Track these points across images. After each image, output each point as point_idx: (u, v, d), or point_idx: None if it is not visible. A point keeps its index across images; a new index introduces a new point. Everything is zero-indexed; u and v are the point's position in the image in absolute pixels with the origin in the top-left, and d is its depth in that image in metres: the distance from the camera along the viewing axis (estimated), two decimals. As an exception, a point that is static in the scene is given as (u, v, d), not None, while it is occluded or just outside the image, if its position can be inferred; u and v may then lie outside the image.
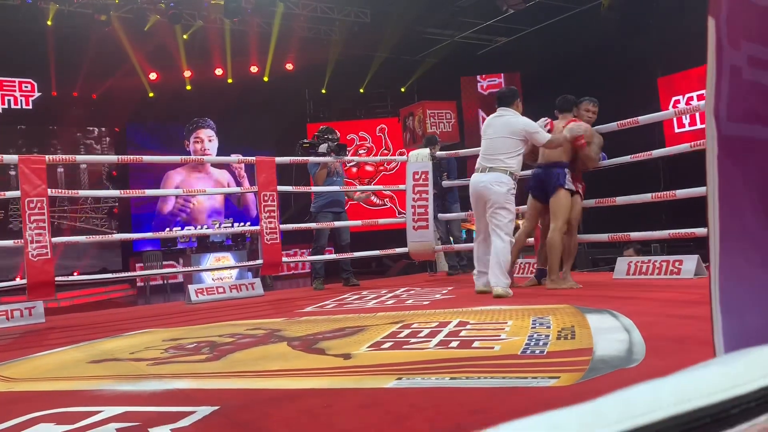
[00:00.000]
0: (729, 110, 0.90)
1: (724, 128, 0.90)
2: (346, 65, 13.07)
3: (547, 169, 4.66)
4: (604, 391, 0.59)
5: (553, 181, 4.58)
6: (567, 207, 4.55)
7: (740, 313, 0.89)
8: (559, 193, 4.56)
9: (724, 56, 0.90)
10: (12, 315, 4.66)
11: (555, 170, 4.60)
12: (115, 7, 10.61)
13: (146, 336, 3.66)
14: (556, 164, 4.62)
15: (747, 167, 0.90)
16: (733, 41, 0.89)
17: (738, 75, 0.90)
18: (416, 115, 12.44)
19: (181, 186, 13.21)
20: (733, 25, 0.89)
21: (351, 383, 2.09)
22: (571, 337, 2.51)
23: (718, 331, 0.90)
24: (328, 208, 6.17)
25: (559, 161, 4.61)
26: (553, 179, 4.58)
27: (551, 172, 4.61)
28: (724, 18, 0.89)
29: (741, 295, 0.90)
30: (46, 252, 4.61)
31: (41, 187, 4.66)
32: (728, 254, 0.89)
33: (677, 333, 2.52)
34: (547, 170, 4.64)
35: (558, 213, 4.53)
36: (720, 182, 0.89)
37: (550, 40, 11.69)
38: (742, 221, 0.90)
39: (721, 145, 0.90)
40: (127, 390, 2.21)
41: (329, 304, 4.64)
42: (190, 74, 12.87)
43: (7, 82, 11.81)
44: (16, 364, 2.97)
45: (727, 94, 0.89)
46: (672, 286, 4.11)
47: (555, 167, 4.61)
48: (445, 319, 3.24)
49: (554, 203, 4.58)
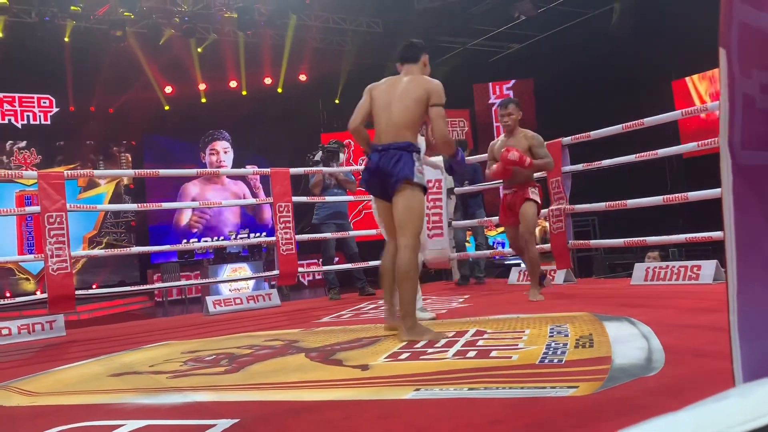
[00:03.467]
0: (743, 138, 0.90)
1: (739, 156, 0.90)
2: (359, 75, 13.11)
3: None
4: (624, 400, 0.59)
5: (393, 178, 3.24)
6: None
7: (759, 340, 0.89)
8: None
9: (736, 85, 0.90)
10: (33, 329, 4.72)
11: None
12: (131, 22, 10.76)
13: (165, 348, 3.69)
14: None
15: (763, 195, 0.90)
16: (745, 70, 0.89)
17: (751, 103, 0.90)
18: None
19: (197, 198, 13.32)
20: (745, 54, 0.89)
21: (369, 394, 2.09)
22: (590, 345, 2.49)
23: (737, 359, 0.90)
24: (331, 219, 6.16)
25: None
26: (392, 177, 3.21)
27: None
28: (735, 48, 0.89)
29: (760, 322, 0.90)
30: (66, 266, 4.67)
31: (60, 202, 4.73)
32: (746, 282, 0.89)
33: (697, 340, 2.50)
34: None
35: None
36: (735, 210, 0.89)
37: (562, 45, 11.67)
38: (760, 249, 0.90)
39: (736, 172, 0.90)
40: (148, 403, 2.23)
41: (346, 314, 4.64)
42: (204, 87, 12.99)
43: (26, 99, 12.00)
44: (38, 378, 3.00)
45: (740, 122, 0.90)
46: (691, 292, 4.07)
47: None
48: (462, 328, 3.23)
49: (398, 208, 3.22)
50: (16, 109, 11.92)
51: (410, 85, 3.26)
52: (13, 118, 11.90)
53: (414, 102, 3.19)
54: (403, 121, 3.19)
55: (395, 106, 3.23)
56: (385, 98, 3.29)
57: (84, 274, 11.99)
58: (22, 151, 12.42)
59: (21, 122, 11.92)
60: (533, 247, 4.49)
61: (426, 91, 3.22)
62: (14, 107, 11.91)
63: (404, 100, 3.21)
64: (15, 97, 11.90)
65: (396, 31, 12.05)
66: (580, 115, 10.81)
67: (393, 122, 3.22)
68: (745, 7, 0.88)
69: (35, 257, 5.40)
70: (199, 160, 13.66)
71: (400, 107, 3.21)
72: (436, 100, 3.21)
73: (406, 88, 3.26)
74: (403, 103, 3.21)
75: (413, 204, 3.12)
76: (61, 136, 12.72)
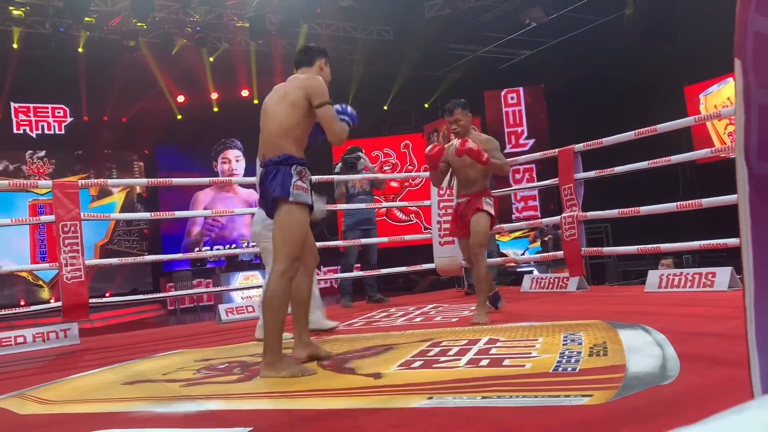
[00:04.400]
0: (759, 149, 0.89)
1: (755, 167, 0.89)
2: (369, 83, 13.18)
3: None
4: (639, 410, 0.58)
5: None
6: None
7: None
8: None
9: (751, 96, 0.89)
10: (48, 337, 4.75)
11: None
12: (143, 32, 10.87)
13: (178, 357, 3.70)
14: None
15: None
16: (761, 81, 0.89)
17: (767, 114, 0.89)
18: (441, 130, 12.49)
19: (209, 206, 13.40)
20: (760, 65, 0.89)
21: (382, 403, 2.09)
22: (603, 353, 2.48)
23: (755, 370, 0.89)
24: (358, 226, 6.24)
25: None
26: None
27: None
28: (750, 58, 0.89)
29: None
30: (80, 275, 4.71)
31: (74, 211, 4.77)
32: (764, 292, 0.88)
33: (712, 349, 2.47)
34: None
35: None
36: (753, 223, 0.89)
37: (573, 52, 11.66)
38: None
39: (753, 184, 0.89)
40: (162, 412, 2.24)
41: (358, 322, 4.64)
42: (216, 96, 13.09)
43: (41, 109, 12.15)
44: (53, 387, 3.02)
45: (756, 133, 0.89)
46: (705, 299, 4.03)
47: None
48: (474, 337, 3.22)
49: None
50: (31, 119, 12.07)
51: (288, 87, 2.92)
52: (29, 128, 12.05)
53: (291, 106, 2.82)
54: (280, 131, 2.81)
55: (272, 115, 2.87)
56: (266, 108, 2.95)
57: (97, 281, 12.08)
58: (36, 161, 12.55)
59: (36, 132, 12.06)
60: (483, 263, 4.03)
61: (303, 90, 2.84)
62: (29, 117, 12.07)
63: (281, 106, 2.85)
64: (30, 107, 12.06)
65: (407, 39, 12.09)
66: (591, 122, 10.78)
67: (270, 133, 2.85)
68: (760, 18, 0.88)
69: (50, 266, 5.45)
70: (211, 169, 13.75)
71: (277, 115, 2.84)
72: (319, 99, 2.83)
73: (285, 91, 2.90)
74: (281, 109, 2.84)
75: (286, 225, 2.75)
76: (75, 146, 12.85)
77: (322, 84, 2.87)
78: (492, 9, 11.33)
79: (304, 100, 2.81)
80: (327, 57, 3.10)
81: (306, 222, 2.81)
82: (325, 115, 2.84)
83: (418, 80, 13.51)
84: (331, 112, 2.87)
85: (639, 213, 4.99)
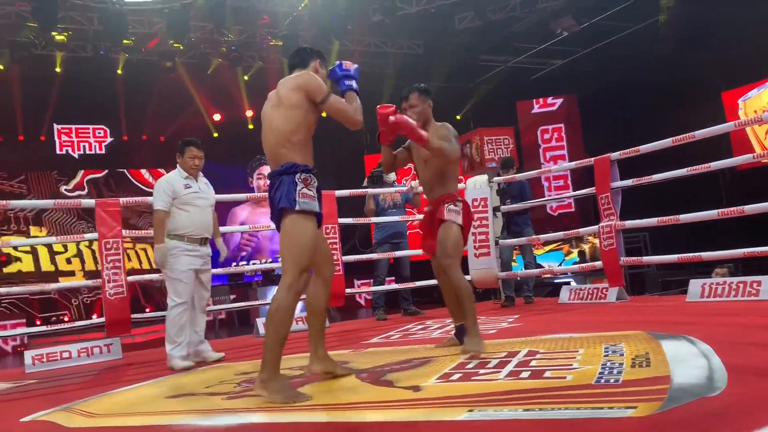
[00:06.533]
0: None
1: None
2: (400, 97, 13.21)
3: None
4: (686, 421, 0.57)
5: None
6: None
7: None
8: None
9: None
10: (92, 352, 4.87)
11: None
12: (180, 53, 11.12)
13: (219, 371, 3.75)
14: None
15: None
16: None
17: None
18: (473, 142, 12.45)
19: (246, 221, 13.59)
20: None
21: (422, 416, 2.08)
22: (646, 364, 2.43)
23: None
24: (388, 239, 6.31)
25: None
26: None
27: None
28: None
29: None
30: (122, 291, 4.82)
31: (117, 228, 4.89)
32: None
33: (760, 359, 2.41)
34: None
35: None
36: None
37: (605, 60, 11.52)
38: None
39: None
40: (205, 425, 2.27)
41: (394, 335, 4.64)
42: (252, 113, 13.30)
43: (82, 129, 12.51)
44: (97, 400, 3.09)
45: None
46: (751, 309, 3.92)
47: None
48: (513, 349, 3.19)
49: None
50: (73, 140, 12.43)
51: (281, 91, 2.76)
52: (71, 149, 12.41)
53: (289, 110, 2.71)
54: (280, 139, 2.71)
55: (268, 124, 2.77)
56: (263, 118, 2.84)
57: (137, 297, 12.30)
58: (88, 179, 12.93)
59: (78, 152, 12.42)
60: (459, 276, 3.36)
61: (300, 90, 2.71)
62: (71, 138, 12.43)
63: (277, 112, 2.74)
64: (72, 128, 12.42)
65: (437, 51, 12.12)
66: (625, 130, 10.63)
67: (270, 144, 2.76)
68: None
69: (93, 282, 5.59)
70: (247, 185, 13.94)
71: (273, 123, 2.74)
72: (320, 95, 2.72)
73: (279, 96, 2.77)
74: (277, 115, 2.73)
75: (291, 236, 2.66)
76: (115, 164, 13.17)
77: (316, 78, 2.77)
78: (522, 20, 11.29)
79: (303, 99, 2.71)
80: (322, 58, 2.99)
81: (313, 230, 2.71)
82: (334, 108, 2.76)
83: (450, 92, 13.51)
84: (339, 102, 2.78)
85: (678, 221, 4.89)
